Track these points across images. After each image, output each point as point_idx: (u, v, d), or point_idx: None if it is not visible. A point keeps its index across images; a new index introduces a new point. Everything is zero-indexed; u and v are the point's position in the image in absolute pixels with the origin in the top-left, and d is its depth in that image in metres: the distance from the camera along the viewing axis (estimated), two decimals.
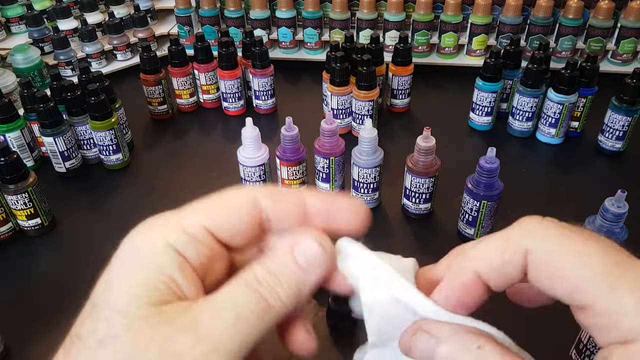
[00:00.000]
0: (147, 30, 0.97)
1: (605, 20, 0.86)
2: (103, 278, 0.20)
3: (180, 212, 0.21)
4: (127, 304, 0.19)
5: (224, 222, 0.21)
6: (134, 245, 0.21)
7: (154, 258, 0.20)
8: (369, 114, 0.74)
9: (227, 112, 0.84)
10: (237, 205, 0.21)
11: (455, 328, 0.20)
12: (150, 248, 0.20)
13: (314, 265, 0.21)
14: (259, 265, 0.20)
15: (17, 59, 0.83)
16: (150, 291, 0.19)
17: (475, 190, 0.55)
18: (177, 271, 0.20)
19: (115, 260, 0.21)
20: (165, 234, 0.20)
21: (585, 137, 0.76)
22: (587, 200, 0.61)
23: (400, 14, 0.91)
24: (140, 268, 0.20)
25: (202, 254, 0.20)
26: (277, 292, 0.20)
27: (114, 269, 0.20)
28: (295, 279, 0.20)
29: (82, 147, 0.72)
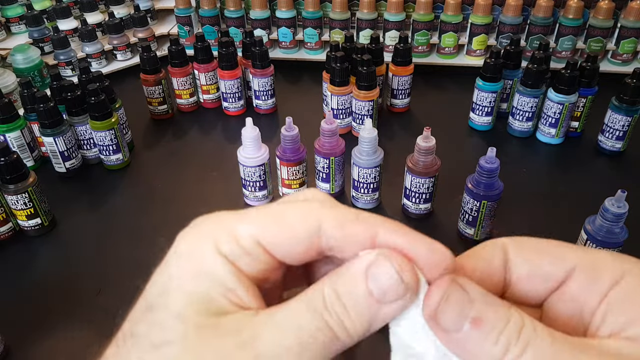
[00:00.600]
0: (147, 30, 0.97)
1: (605, 20, 0.86)
2: (158, 279, 0.19)
3: (237, 216, 0.20)
4: (185, 310, 0.18)
5: (279, 241, 0.19)
6: (190, 250, 0.20)
7: (211, 268, 0.19)
8: (369, 114, 0.74)
9: (227, 112, 0.84)
10: (297, 226, 0.19)
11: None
12: (206, 256, 0.19)
13: (391, 298, 0.18)
14: (327, 286, 0.18)
15: (17, 59, 0.83)
16: (209, 300, 0.18)
17: (475, 190, 0.55)
18: (236, 282, 0.19)
19: (171, 262, 0.20)
20: (218, 242, 0.19)
21: (585, 137, 0.76)
22: (587, 200, 0.61)
23: (400, 14, 0.91)
24: (198, 276, 0.19)
25: (255, 267, 0.19)
26: (345, 324, 0.18)
27: (171, 272, 0.19)
28: (367, 313, 0.18)
29: (82, 147, 0.72)
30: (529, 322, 0.17)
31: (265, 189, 0.63)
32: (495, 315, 0.17)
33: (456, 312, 0.18)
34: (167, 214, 0.64)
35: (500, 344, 0.17)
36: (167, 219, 0.62)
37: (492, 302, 0.18)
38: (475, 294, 0.18)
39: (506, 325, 0.17)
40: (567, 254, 0.20)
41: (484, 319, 0.17)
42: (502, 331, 0.17)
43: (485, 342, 0.17)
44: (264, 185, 0.63)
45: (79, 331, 0.50)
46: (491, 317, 0.17)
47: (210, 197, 0.67)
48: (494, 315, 0.17)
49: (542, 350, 0.17)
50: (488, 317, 0.17)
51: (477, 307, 0.18)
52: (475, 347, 0.17)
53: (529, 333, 0.17)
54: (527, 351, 0.17)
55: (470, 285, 0.18)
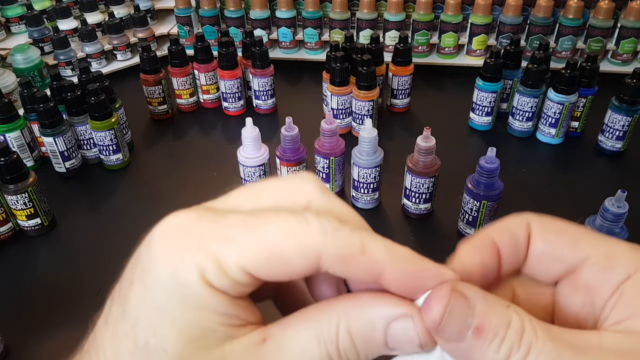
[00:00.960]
0: (147, 30, 0.97)
1: (605, 20, 0.86)
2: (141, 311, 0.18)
3: (219, 234, 0.18)
4: (183, 352, 0.17)
5: (271, 272, 0.17)
6: (173, 278, 0.17)
7: (202, 300, 0.17)
8: (369, 114, 0.74)
9: (227, 112, 0.84)
10: (292, 260, 0.17)
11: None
12: (194, 287, 0.17)
13: (403, 349, 0.18)
14: (342, 324, 0.17)
15: (17, 59, 0.83)
16: (209, 333, 0.17)
17: (475, 190, 0.55)
18: (230, 308, 0.18)
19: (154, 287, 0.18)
20: (203, 272, 0.17)
21: (585, 137, 0.76)
22: (587, 200, 0.61)
23: (400, 14, 0.90)
24: (191, 309, 0.17)
25: (246, 291, 0.18)
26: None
27: (157, 302, 0.17)
28: (376, 355, 0.18)
29: (82, 147, 0.72)
30: (529, 325, 0.17)
31: None
32: (497, 321, 0.17)
33: (459, 323, 0.17)
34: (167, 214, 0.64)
35: (502, 351, 0.17)
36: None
37: (492, 305, 0.18)
38: (476, 298, 0.18)
39: (507, 330, 0.17)
40: (584, 240, 0.20)
41: (486, 326, 0.17)
42: (503, 338, 0.17)
43: (488, 351, 0.17)
44: None
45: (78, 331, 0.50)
46: (492, 323, 0.17)
47: (209, 197, 0.67)
48: (495, 321, 0.17)
49: (544, 354, 0.17)
50: (489, 323, 0.17)
51: (479, 314, 0.17)
52: (479, 356, 0.17)
53: (530, 337, 0.17)
54: (529, 356, 0.17)
55: (470, 289, 0.18)
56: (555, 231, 0.21)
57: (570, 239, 0.20)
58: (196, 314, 0.17)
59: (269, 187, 0.21)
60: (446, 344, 0.18)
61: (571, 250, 0.20)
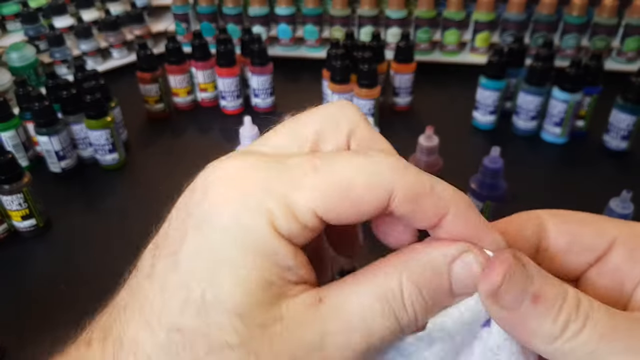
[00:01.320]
0: (143, 27, 0.96)
1: (610, 17, 0.85)
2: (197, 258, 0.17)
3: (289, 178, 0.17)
4: (244, 306, 0.16)
5: (340, 214, 0.17)
6: (238, 223, 0.16)
7: (270, 248, 0.16)
8: (370, 113, 0.73)
9: (225, 110, 0.83)
10: (364, 199, 0.17)
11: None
12: (261, 234, 0.16)
13: (467, 293, 0.18)
14: (405, 277, 0.17)
15: (13, 57, 0.82)
16: (268, 286, 0.16)
17: (479, 190, 0.54)
18: (294, 260, 0.17)
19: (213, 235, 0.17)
20: (272, 217, 0.16)
21: (590, 136, 0.75)
22: (592, 200, 0.60)
23: (402, 11, 0.89)
24: (255, 258, 0.16)
25: (309, 237, 0.17)
26: (418, 322, 0.17)
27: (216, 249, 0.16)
28: (443, 306, 0.18)
29: (78, 146, 0.70)
30: (585, 297, 0.17)
31: None
32: (554, 291, 0.17)
33: (518, 290, 0.17)
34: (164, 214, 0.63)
35: (560, 320, 0.16)
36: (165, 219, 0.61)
37: (549, 278, 0.17)
38: (533, 270, 0.17)
39: (565, 301, 0.17)
40: (607, 226, 0.20)
41: (543, 295, 0.17)
42: (561, 307, 0.16)
43: (546, 319, 0.16)
44: None
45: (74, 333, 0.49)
46: (550, 293, 0.17)
47: None
48: (553, 291, 0.17)
49: (601, 324, 0.16)
50: (547, 293, 0.17)
51: (537, 283, 0.17)
52: (534, 324, 0.17)
53: (587, 308, 0.17)
54: (587, 326, 0.16)
55: (527, 260, 0.17)
56: (575, 221, 0.20)
57: (593, 226, 0.20)
58: (259, 263, 0.16)
59: (309, 121, 0.21)
60: (502, 311, 0.17)
61: (597, 237, 0.19)
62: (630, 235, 0.19)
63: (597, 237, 0.19)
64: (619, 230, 0.19)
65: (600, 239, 0.19)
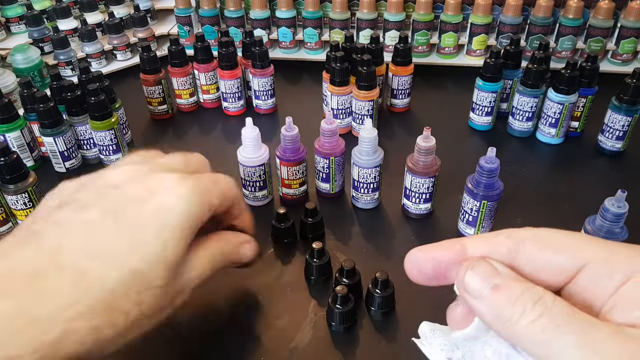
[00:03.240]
0: (147, 30, 0.97)
1: (606, 20, 0.86)
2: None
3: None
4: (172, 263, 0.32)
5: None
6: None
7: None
8: (369, 114, 0.74)
9: (227, 112, 0.84)
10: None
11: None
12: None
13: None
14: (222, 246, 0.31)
15: (17, 59, 0.83)
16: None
17: (476, 190, 0.55)
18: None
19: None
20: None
21: (585, 137, 0.76)
22: (587, 200, 0.61)
23: (400, 14, 0.91)
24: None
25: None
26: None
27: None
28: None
29: (82, 147, 0.72)
30: (550, 296, 0.19)
31: (265, 189, 0.63)
32: (516, 285, 0.19)
33: (480, 280, 0.20)
34: None
35: (518, 306, 0.19)
36: None
37: (517, 278, 0.20)
38: (500, 268, 0.20)
39: (525, 291, 0.19)
40: (582, 248, 0.21)
41: (504, 286, 0.19)
42: (520, 296, 0.19)
43: (506, 305, 0.19)
44: (264, 185, 0.63)
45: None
46: (512, 286, 0.19)
47: None
48: (515, 284, 0.19)
49: (559, 317, 0.18)
50: (509, 285, 0.19)
51: (500, 278, 0.20)
52: (497, 310, 0.19)
53: (548, 302, 0.18)
54: (544, 315, 0.18)
55: (500, 265, 0.21)
56: (552, 245, 0.22)
57: (568, 251, 0.21)
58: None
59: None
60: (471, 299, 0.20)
61: (569, 261, 0.21)
62: (601, 261, 0.20)
63: (568, 261, 0.21)
64: (592, 253, 0.21)
65: (572, 263, 0.21)
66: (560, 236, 0.22)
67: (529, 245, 0.22)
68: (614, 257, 0.20)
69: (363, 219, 0.62)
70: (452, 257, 0.23)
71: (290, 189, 0.63)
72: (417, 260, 0.23)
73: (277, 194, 0.66)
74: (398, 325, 0.49)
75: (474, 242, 0.23)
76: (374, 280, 0.49)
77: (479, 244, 0.23)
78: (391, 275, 0.49)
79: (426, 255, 0.23)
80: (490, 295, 0.20)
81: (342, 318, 0.47)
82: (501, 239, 0.23)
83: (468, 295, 0.20)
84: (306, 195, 0.65)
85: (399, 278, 0.50)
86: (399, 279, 0.50)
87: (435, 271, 0.23)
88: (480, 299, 0.20)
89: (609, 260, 0.20)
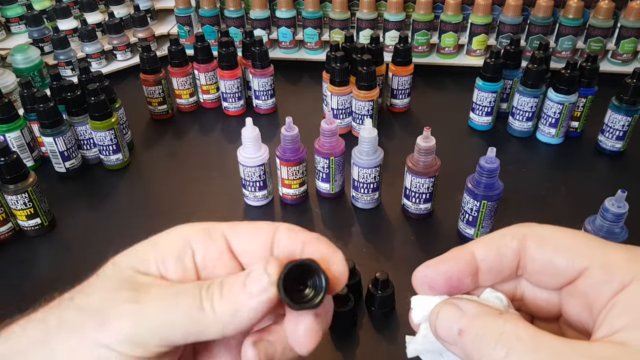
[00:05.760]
0: (147, 30, 0.97)
1: (605, 20, 0.86)
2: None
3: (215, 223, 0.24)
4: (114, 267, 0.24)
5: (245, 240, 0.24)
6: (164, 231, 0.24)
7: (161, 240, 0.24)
8: (369, 114, 0.74)
9: (227, 112, 0.84)
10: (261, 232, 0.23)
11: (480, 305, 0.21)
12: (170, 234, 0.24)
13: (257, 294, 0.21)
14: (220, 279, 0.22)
15: (17, 59, 0.83)
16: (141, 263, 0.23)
17: (476, 190, 0.55)
18: (173, 258, 0.23)
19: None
20: (189, 229, 0.24)
21: (585, 137, 0.76)
22: (587, 200, 0.61)
23: (400, 14, 0.90)
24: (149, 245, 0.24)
25: (210, 252, 0.23)
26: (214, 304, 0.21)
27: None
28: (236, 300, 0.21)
29: (82, 147, 0.71)
30: (513, 330, 0.19)
31: (265, 189, 0.63)
32: (478, 324, 0.20)
33: (447, 326, 0.21)
34: (167, 214, 0.64)
35: (483, 348, 0.19)
36: (167, 219, 0.62)
37: (480, 314, 0.20)
38: (468, 309, 0.21)
39: (485, 333, 0.19)
40: (582, 251, 0.21)
41: (466, 330, 0.20)
42: (482, 338, 0.19)
43: (473, 349, 0.20)
44: (264, 185, 0.63)
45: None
46: (474, 327, 0.20)
47: (210, 197, 0.67)
48: (478, 326, 0.20)
49: (522, 355, 0.18)
50: (472, 327, 0.20)
51: (465, 320, 0.20)
52: (466, 353, 0.20)
53: (510, 339, 0.19)
54: (510, 355, 0.18)
55: (463, 302, 0.21)
56: (552, 245, 0.22)
57: (567, 253, 0.21)
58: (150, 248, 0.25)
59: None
60: (446, 344, 0.21)
61: (569, 264, 0.21)
62: (601, 265, 0.20)
63: (568, 264, 0.21)
64: (593, 256, 0.21)
65: (571, 266, 0.21)
66: (562, 235, 0.22)
67: (529, 243, 0.22)
68: (614, 261, 0.20)
69: (363, 219, 0.62)
70: (463, 268, 0.22)
71: (290, 189, 0.63)
72: (426, 277, 0.23)
73: (277, 194, 0.66)
74: (398, 325, 0.49)
75: (481, 248, 0.23)
76: (374, 280, 0.49)
77: (486, 250, 0.22)
78: (391, 275, 0.49)
79: (436, 270, 0.23)
80: (459, 341, 0.20)
81: (342, 318, 0.47)
82: (507, 240, 0.22)
83: (442, 341, 0.21)
84: (306, 195, 0.65)
85: (398, 278, 0.50)
86: (398, 278, 0.50)
87: (448, 285, 0.22)
88: (452, 345, 0.21)
89: (608, 266, 0.20)
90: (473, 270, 0.22)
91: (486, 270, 0.23)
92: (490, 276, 0.23)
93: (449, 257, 0.23)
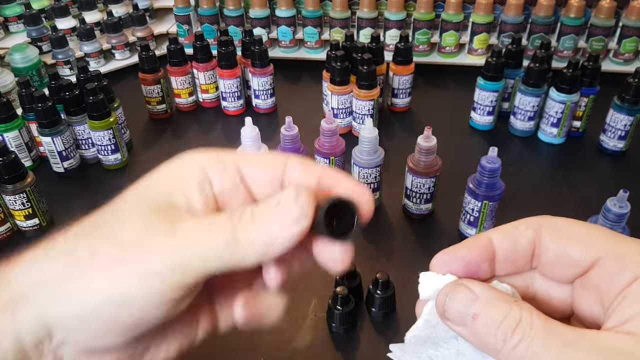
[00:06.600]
0: (145, 29, 0.97)
1: (607, 19, 0.85)
2: None
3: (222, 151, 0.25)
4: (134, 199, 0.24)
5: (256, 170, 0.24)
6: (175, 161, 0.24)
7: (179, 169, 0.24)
8: (369, 114, 0.73)
9: (227, 111, 0.83)
10: (273, 163, 0.24)
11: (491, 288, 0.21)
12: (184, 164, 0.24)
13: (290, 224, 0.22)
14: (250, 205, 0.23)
15: (15, 58, 0.83)
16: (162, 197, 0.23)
17: (477, 190, 0.54)
18: (195, 188, 0.23)
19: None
20: (202, 157, 0.24)
21: (587, 136, 0.76)
22: (589, 200, 0.61)
23: (401, 13, 0.90)
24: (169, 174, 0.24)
25: (225, 182, 0.24)
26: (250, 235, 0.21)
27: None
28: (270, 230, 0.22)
29: (81, 146, 0.71)
30: (528, 318, 0.19)
31: None
32: (495, 311, 0.20)
33: (459, 309, 0.21)
34: None
35: (499, 336, 0.19)
36: None
37: (495, 300, 0.20)
38: (482, 293, 0.21)
39: (504, 319, 0.19)
40: (596, 243, 0.21)
41: (482, 315, 0.20)
42: (500, 325, 0.19)
43: (487, 334, 0.20)
44: None
45: None
46: (491, 313, 0.20)
47: None
48: (494, 311, 0.20)
49: (536, 342, 0.19)
50: (487, 313, 0.20)
51: (480, 304, 0.20)
52: (481, 337, 0.20)
53: (525, 327, 0.19)
54: (522, 342, 0.19)
55: (475, 285, 0.21)
56: (567, 236, 0.22)
57: (581, 244, 0.21)
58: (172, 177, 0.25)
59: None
60: (454, 326, 0.21)
61: (582, 254, 0.21)
62: (614, 257, 0.21)
63: (581, 255, 0.21)
64: (606, 248, 0.21)
65: (585, 256, 0.21)
66: (576, 227, 0.22)
67: (544, 234, 0.22)
68: (626, 253, 0.20)
69: None
70: (482, 252, 0.23)
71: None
72: (444, 262, 0.23)
73: None
74: (398, 326, 0.48)
75: (498, 235, 0.23)
76: (374, 281, 0.49)
77: (502, 237, 0.23)
78: (391, 276, 0.48)
79: (454, 256, 0.23)
80: (472, 325, 0.20)
81: (342, 319, 0.47)
82: (522, 230, 0.23)
83: (450, 322, 0.21)
84: None
85: (399, 279, 0.49)
86: (399, 279, 0.49)
87: (467, 270, 0.23)
88: (463, 327, 0.21)
89: (621, 257, 0.20)
90: (490, 255, 0.23)
91: (502, 258, 0.23)
92: (505, 265, 0.23)
93: (467, 243, 0.23)
